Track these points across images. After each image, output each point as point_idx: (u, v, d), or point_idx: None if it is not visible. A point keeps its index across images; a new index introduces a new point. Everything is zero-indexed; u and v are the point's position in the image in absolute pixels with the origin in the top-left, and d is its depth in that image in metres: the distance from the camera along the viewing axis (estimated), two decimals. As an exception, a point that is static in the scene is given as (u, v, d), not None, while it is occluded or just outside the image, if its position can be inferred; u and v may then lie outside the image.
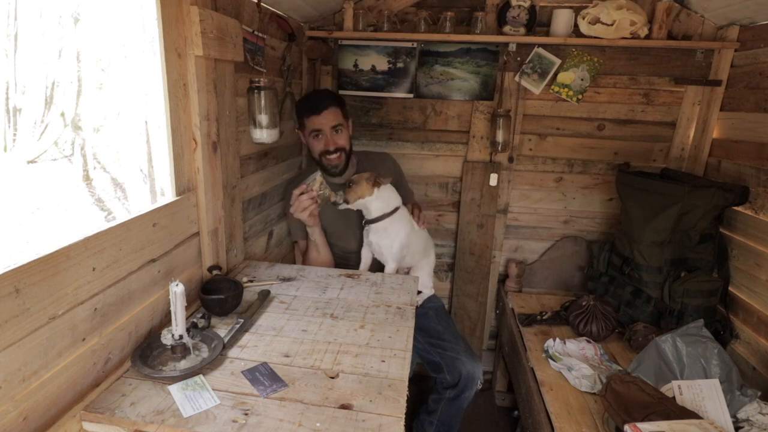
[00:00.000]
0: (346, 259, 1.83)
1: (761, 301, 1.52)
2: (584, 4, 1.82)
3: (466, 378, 1.64)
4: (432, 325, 1.78)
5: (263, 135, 1.44)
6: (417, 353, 1.74)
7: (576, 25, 1.81)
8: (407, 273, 1.81)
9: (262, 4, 1.47)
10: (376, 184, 1.58)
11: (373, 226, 1.62)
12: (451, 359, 1.67)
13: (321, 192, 1.54)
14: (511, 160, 2.09)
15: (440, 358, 1.69)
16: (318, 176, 1.53)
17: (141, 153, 3.76)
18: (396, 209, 1.64)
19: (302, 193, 1.52)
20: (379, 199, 1.59)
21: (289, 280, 1.41)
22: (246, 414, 0.85)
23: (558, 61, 1.93)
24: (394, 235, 1.61)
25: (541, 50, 1.92)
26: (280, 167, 1.81)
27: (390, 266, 1.62)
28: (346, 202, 1.58)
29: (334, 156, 1.67)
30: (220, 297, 1.16)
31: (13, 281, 0.72)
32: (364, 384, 0.94)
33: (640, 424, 1.07)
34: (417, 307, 1.80)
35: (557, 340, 1.65)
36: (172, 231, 1.15)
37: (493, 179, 2.08)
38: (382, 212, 1.61)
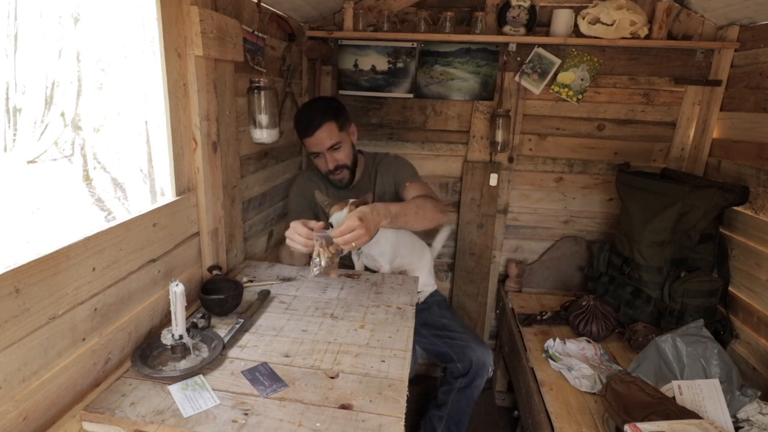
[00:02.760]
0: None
1: (761, 301, 1.52)
2: (584, 4, 1.82)
3: (477, 364, 1.64)
4: (436, 318, 1.78)
5: (263, 135, 1.44)
6: (423, 348, 1.73)
7: (576, 25, 1.81)
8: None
9: (262, 4, 1.47)
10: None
11: None
12: (460, 347, 1.66)
13: (323, 252, 1.19)
14: (511, 160, 2.09)
15: (449, 347, 1.68)
16: (335, 243, 1.16)
17: (141, 153, 3.76)
18: None
19: (312, 230, 1.19)
20: None
21: (289, 280, 1.41)
22: (246, 414, 0.85)
23: (558, 61, 1.93)
24: (384, 241, 1.59)
25: (541, 50, 1.92)
26: (280, 167, 1.81)
27: (385, 269, 1.62)
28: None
29: (336, 174, 1.62)
30: (220, 297, 1.16)
31: (13, 281, 0.72)
32: (364, 384, 0.94)
33: (640, 424, 1.07)
34: (419, 302, 1.80)
35: (557, 340, 1.65)
36: (172, 231, 1.15)
37: (493, 179, 2.09)
38: None
